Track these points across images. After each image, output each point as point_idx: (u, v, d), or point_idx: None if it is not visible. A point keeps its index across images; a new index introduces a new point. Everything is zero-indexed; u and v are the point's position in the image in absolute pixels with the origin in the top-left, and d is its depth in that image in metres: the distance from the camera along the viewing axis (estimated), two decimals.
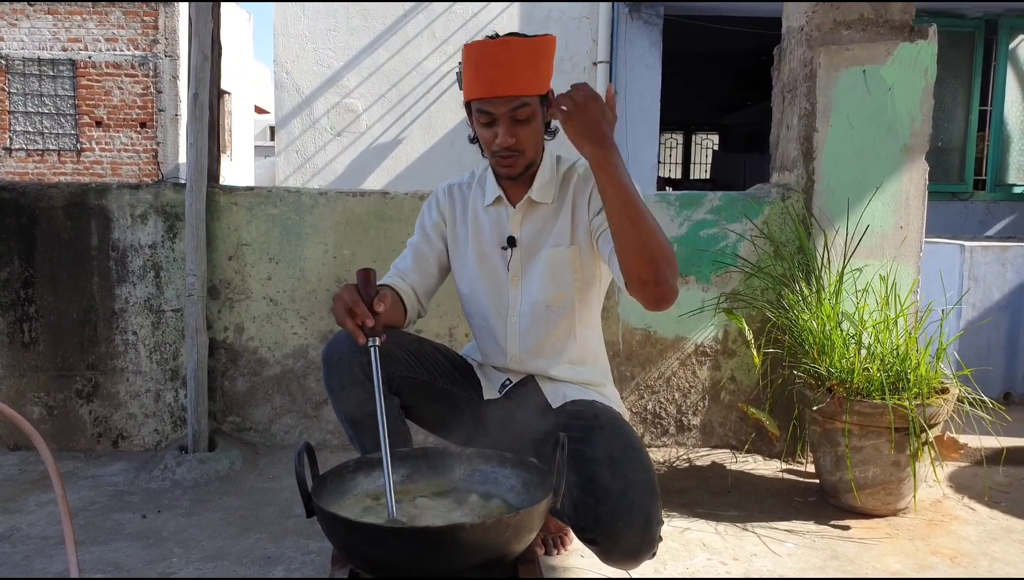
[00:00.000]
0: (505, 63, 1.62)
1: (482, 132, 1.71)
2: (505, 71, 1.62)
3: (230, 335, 2.77)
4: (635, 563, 1.61)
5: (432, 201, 1.92)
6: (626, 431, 1.71)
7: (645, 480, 1.58)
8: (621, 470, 1.57)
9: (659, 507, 1.58)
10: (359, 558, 1.33)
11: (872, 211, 2.68)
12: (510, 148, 1.68)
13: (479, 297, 1.85)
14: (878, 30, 2.66)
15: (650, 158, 6.97)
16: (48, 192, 2.71)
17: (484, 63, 1.63)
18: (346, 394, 1.71)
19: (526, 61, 1.63)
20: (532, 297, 1.80)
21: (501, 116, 1.66)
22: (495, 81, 1.63)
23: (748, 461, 2.75)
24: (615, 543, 1.55)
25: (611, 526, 1.52)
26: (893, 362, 2.31)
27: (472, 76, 1.66)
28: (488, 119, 1.67)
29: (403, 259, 1.88)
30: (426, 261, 1.86)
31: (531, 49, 1.64)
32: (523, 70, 1.63)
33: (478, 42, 1.65)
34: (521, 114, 1.66)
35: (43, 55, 11.28)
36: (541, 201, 1.79)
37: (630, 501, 1.53)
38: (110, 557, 1.98)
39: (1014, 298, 3.48)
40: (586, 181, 1.78)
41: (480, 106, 1.67)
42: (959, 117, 6.37)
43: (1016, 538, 2.17)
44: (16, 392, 2.73)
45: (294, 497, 2.28)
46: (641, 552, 1.57)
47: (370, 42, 7.16)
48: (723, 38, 7.48)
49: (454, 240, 1.88)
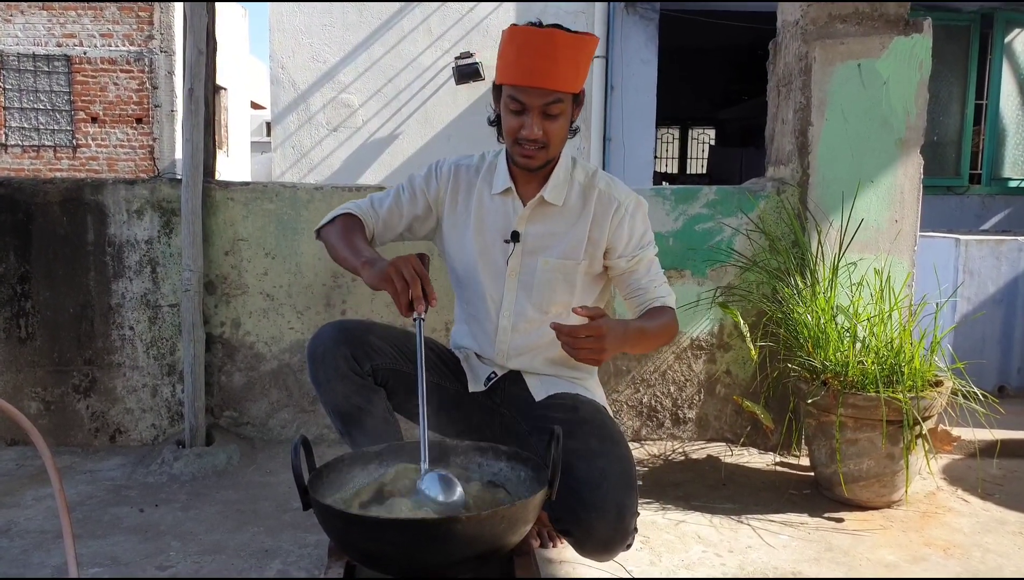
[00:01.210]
0: (548, 55, 1.59)
1: (508, 119, 1.67)
2: (546, 63, 1.59)
3: (227, 330, 2.77)
4: (609, 554, 1.62)
5: (435, 171, 1.88)
6: (606, 423, 1.73)
7: (620, 472, 1.59)
8: (597, 462, 1.58)
9: (634, 499, 1.59)
10: (355, 551, 1.34)
11: (867, 205, 2.69)
12: (536, 140, 1.65)
13: (475, 285, 1.84)
14: (873, 24, 2.67)
15: (646, 153, 6.98)
16: (44, 188, 2.71)
17: (526, 50, 1.60)
18: (332, 387, 1.71)
19: (568, 58, 1.60)
20: (530, 300, 1.80)
21: (533, 108, 1.63)
22: (534, 71, 1.60)
23: (743, 454, 2.76)
24: (588, 534, 1.56)
25: (584, 517, 1.53)
26: (887, 355, 2.32)
27: (511, 60, 1.62)
28: (519, 107, 1.64)
29: (382, 200, 1.87)
30: (399, 216, 1.86)
31: (575, 46, 1.61)
32: (563, 65, 1.60)
33: (524, 27, 1.62)
34: (554, 110, 1.63)
35: (38, 51, 11.24)
36: (552, 202, 1.78)
37: (604, 492, 1.54)
38: (108, 551, 1.98)
39: (1008, 292, 3.50)
40: (608, 202, 1.78)
41: (513, 93, 1.63)
42: (955, 111, 6.38)
43: (1009, 530, 2.19)
44: (13, 387, 2.73)
45: (291, 491, 2.29)
46: (614, 543, 1.57)
47: (366, 37, 7.16)
48: (719, 33, 7.49)
49: (452, 224, 1.86)
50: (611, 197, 1.79)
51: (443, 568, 1.30)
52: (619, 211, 1.78)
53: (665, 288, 1.82)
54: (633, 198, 1.82)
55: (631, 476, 1.61)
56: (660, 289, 1.81)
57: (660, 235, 2.76)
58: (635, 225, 1.80)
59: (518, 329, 1.82)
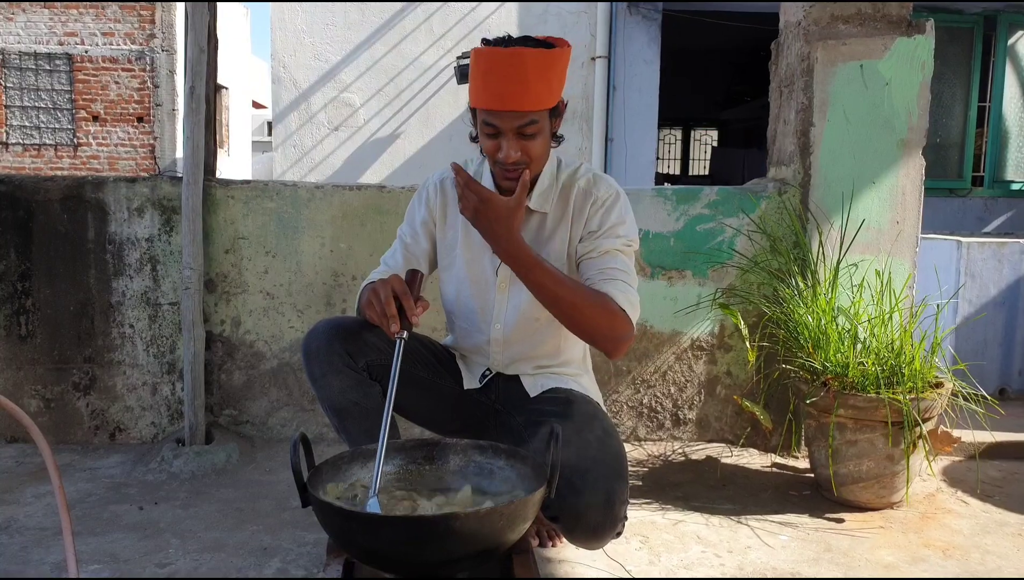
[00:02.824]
0: (516, 77, 1.53)
1: (485, 141, 1.64)
2: (515, 86, 1.53)
3: (227, 328, 2.77)
4: (598, 542, 1.62)
5: (423, 195, 1.86)
6: (598, 416, 1.73)
7: (611, 461, 1.59)
8: (587, 451, 1.58)
9: (624, 488, 1.58)
10: (354, 548, 1.34)
11: (868, 206, 2.69)
12: (515, 162, 1.62)
13: (465, 300, 1.83)
14: (875, 25, 2.66)
15: (648, 154, 6.97)
16: (45, 185, 2.71)
17: (493, 74, 1.54)
18: (328, 382, 1.71)
19: (538, 75, 1.54)
20: (520, 308, 1.78)
21: (507, 131, 1.59)
22: (504, 95, 1.55)
23: (743, 455, 2.76)
24: (576, 520, 1.55)
25: (572, 503, 1.52)
26: (888, 356, 2.32)
27: (480, 85, 1.57)
28: (493, 131, 1.60)
29: (393, 256, 1.85)
30: (416, 262, 1.82)
31: (543, 62, 1.55)
32: (534, 85, 1.54)
33: (488, 49, 1.57)
34: (529, 130, 1.59)
35: (39, 49, 11.25)
36: (539, 210, 1.75)
37: (593, 479, 1.54)
38: (107, 548, 1.98)
39: (1010, 294, 3.49)
40: (585, 197, 1.75)
41: (486, 118, 1.60)
42: (957, 113, 6.37)
43: (1008, 531, 2.19)
44: (13, 385, 2.73)
45: (291, 490, 2.29)
46: (603, 530, 1.57)
47: (367, 37, 7.16)
48: (721, 33, 7.48)
49: (442, 239, 1.84)
50: (588, 193, 1.75)
51: (442, 566, 1.30)
52: (595, 205, 1.74)
53: (619, 285, 1.63)
54: (612, 192, 1.75)
55: (621, 466, 1.61)
56: (611, 284, 1.62)
57: (661, 235, 2.76)
58: (607, 216, 1.72)
59: (511, 340, 1.81)
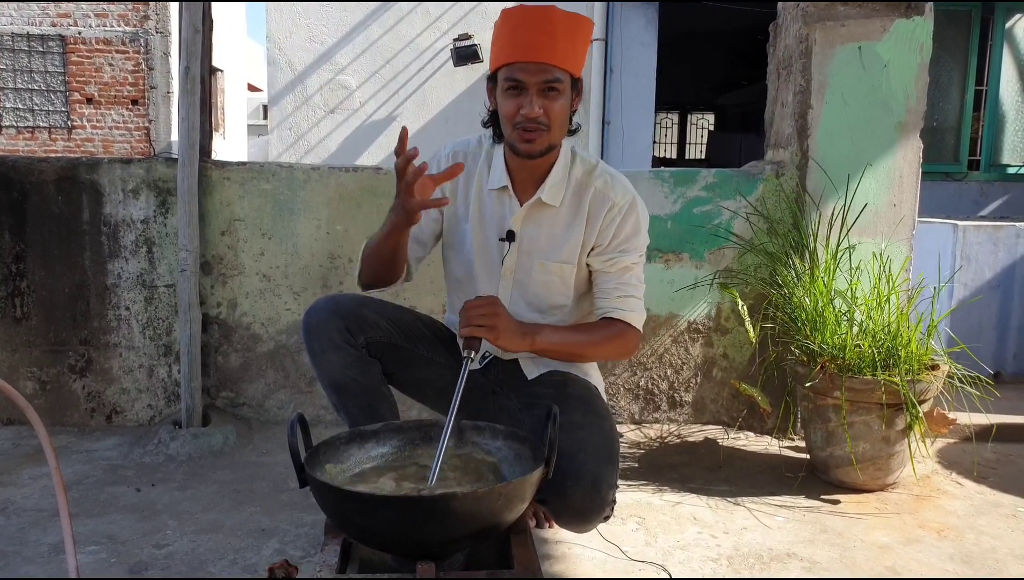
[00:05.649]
0: (545, 30, 1.56)
1: (506, 103, 1.62)
2: (543, 37, 1.56)
3: (223, 311, 2.77)
4: (585, 525, 1.63)
5: (435, 166, 1.80)
6: (592, 399, 1.73)
7: (600, 444, 1.59)
8: (577, 433, 1.59)
9: (613, 472, 1.59)
10: (352, 528, 1.34)
11: (865, 188, 2.68)
12: (536, 119, 1.59)
13: (472, 283, 1.82)
14: (874, 7, 2.65)
15: (645, 138, 6.95)
16: (39, 166, 2.69)
17: (523, 27, 1.57)
18: (327, 358, 1.71)
19: (566, 35, 1.58)
20: (526, 300, 1.78)
21: (532, 85, 1.58)
22: (531, 46, 1.56)
23: (740, 437, 2.77)
24: (564, 503, 1.56)
25: (560, 485, 1.52)
26: (884, 339, 2.32)
27: (507, 40, 1.59)
28: (516, 86, 1.59)
29: None
30: (421, 231, 1.80)
31: (572, 25, 1.59)
32: (561, 41, 1.57)
33: (518, 6, 1.59)
34: (553, 87, 1.59)
35: (32, 30, 11.13)
36: (550, 203, 1.73)
37: (581, 462, 1.54)
38: (105, 529, 1.99)
39: (1005, 277, 3.50)
40: (602, 202, 1.73)
41: (510, 73, 1.59)
42: (954, 97, 6.35)
43: (1002, 512, 2.20)
44: (9, 367, 2.72)
45: (288, 472, 2.29)
46: (590, 514, 1.57)
47: (363, 18, 7.10)
48: (719, 16, 7.43)
49: (452, 214, 1.82)
50: (606, 197, 1.74)
51: (439, 545, 1.31)
52: (611, 211, 1.73)
53: (632, 302, 1.74)
54: (629, 198, 1.75)
55: (611, 450, 1.61)
56: (625, 302, 1.73)
57: (658, 218, 2.75)
58: (624, 227, 1.74)
59: None
